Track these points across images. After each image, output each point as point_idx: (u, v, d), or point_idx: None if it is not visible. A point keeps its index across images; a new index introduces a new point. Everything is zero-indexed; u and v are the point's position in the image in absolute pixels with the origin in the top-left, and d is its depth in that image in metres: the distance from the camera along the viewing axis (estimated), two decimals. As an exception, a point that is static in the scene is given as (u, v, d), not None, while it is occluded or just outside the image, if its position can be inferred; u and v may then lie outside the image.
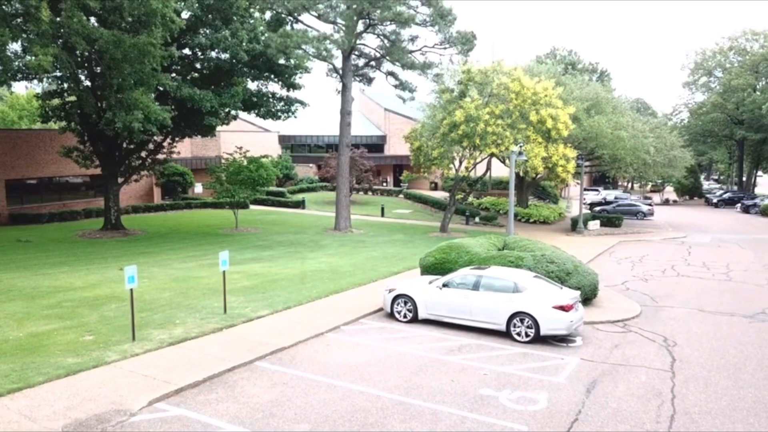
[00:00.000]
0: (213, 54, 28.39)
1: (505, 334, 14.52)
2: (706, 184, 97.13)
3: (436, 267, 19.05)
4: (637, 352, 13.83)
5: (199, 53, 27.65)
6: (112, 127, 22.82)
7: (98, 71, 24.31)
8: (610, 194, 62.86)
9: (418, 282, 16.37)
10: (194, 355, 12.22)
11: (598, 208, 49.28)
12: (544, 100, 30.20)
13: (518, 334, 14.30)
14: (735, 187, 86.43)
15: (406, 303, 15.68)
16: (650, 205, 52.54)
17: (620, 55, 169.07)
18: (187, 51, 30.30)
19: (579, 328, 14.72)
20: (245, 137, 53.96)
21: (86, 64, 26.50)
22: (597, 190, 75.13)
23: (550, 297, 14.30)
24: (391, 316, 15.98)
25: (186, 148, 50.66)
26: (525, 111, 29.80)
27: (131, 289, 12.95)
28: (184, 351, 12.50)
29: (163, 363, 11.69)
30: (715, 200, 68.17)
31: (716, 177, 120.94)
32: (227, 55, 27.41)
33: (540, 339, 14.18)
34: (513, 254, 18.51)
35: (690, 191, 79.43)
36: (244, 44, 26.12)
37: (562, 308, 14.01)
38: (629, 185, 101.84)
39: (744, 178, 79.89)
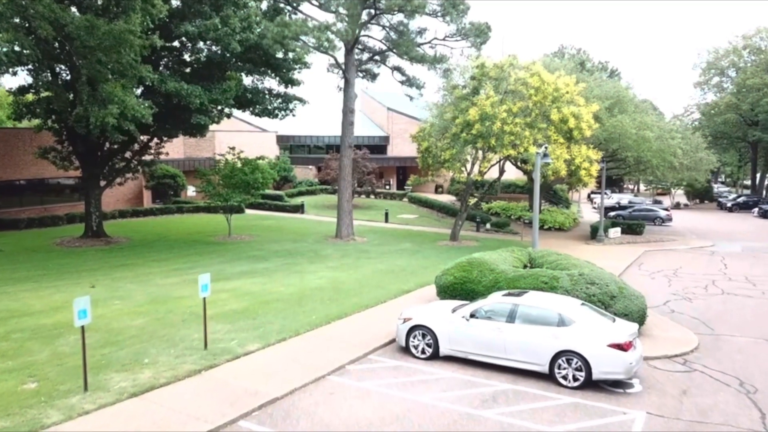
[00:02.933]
0: (202, 45, 25.74)
1: (548, 377, 11.89)
2: (714, 187, 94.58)
3: (456, 287, 16.44)
4: (713, 402, 11.19)
5: (188, 43, 24.98)
6: (84, 124, 20.21)
7: (72, 61, 21.61)
8: (623, 198, 60.07)
9: (438, 309, 13.71)
10: (160, 413, 9.57)
11: (612, 213, 46.54)
12: (566, 97, 27.58)
13: (564, 377, 11.66)
14: (746, 191, 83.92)
15: (424, 336, 13.03)
16: (667, 209, 49.90)
17: (625, 56, 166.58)
18: (176, 44, 27.75)
19: (638, 370, 12.06)
20: (241, 137, 51.36)
21: (62, 55, 23.84)
22: (606, 194, 72.40)
23: (603, 332, 11.66)
24: (406, 350, 13.34)
25: (178, 148, 48.04)
26: (546, 109, 27.16)
27: (83, 327, 10.25)
28: (148, 405, 9.85)
29: (118, 426, 9.05)
30: (729, 204, 65.56)
31: (723, 180, 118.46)
32: (218, 47, 24.78)
33: (590, 383, 11.55)
34: (546, 274, 15.87)
35: (701, 195, 76.85)
36: (236, 34, 23.48)
37: (620, 347, 11.37)
38: (635, 188, 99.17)
39: (756, 182, 77.34)
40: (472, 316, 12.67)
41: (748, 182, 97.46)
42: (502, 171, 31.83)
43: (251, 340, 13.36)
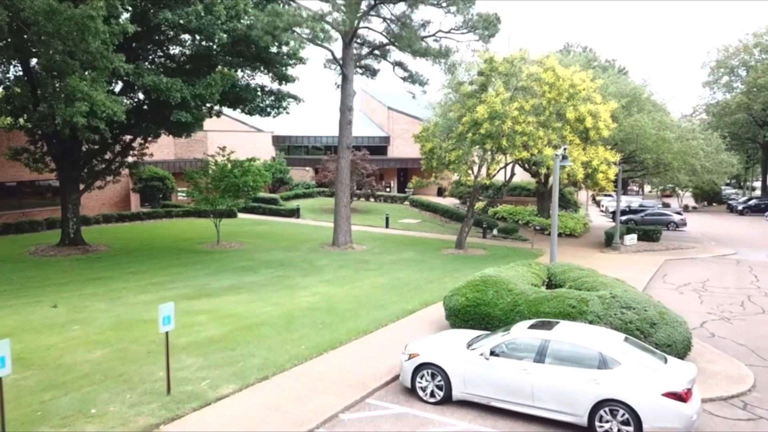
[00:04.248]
0: (186, 36, 23.52)
1: (586, 431, 9.71)
2: (722, 190, 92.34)
3: (468, 311, 14.24)
4: (795, 466, 9.01)
5: (170, 32, 22.71)
6: (49, 123, 18.04)
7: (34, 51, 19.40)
8: (632, 201, 57.78)
9: (450, 343, 11.50)
10: (96, 495, 7.38)
11: (624, 218, 44.29)
12: (582, 93, 25.41)
13: (608, 432, 9.48)
14: (755, 193, 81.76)
15: (434, 376, 10.84)
16: (680, 213, 47.70)
17: (630, 56, 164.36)
18: (161, 38, 25.57)
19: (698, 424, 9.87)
20: (236, 137, 49.28)
21: (33, 46, 21.62)
22: (612, 196, 70.07)
23: (656, 377, 9.48)
24: (412, 391, 11.14)
25: (169, 149, 45.92)
26: (561, 107, 24.98)
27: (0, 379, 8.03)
28: (82, 482, 7.67)
29: None
30: (740, 207, 63.46)
31: (728, 181, 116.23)
32: (203, 38, 22.57)
33: (640, 440, 9.37)
34: (572, 296, 13.67)
35: (709, 197, 74.72)
36: (221, 22, 21.28)
37: (678, 397, 9.18)
38: (639, 190, 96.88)
39: (767, 184, 75.18)
40: (493, 354, 10.46)
41: (756, 184, 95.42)
42: (512, 174, 29.65)
43: (226, 380, 11.16)
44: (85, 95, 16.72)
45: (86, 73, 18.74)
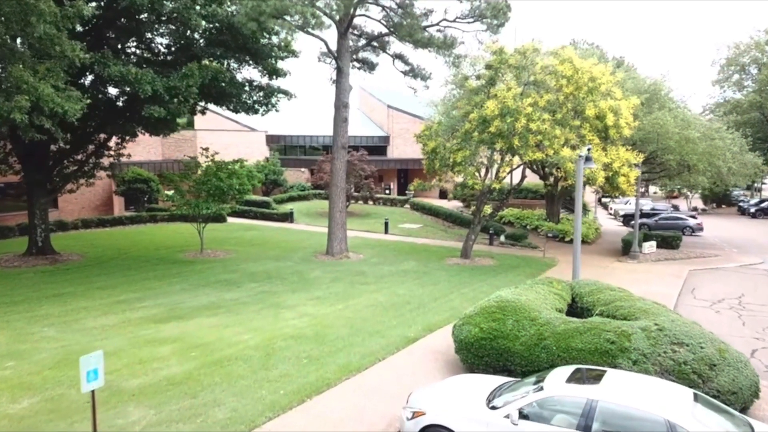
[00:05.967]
0: (160, 25, 21.08)
1: None
2: (732, 191, 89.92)
3: (483, 345, 11.79)
4: None
5: (143, 17, 20.25)
6: (-14, 121, 15.69)
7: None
8: (644, 204, 55.28)
9: (464, 395, 9.07)
10: None
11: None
12: (602, 88, 23.01)
13: None
14: (763, 194, 79.63)
15: (444, 442, 8.43)
16: (695, 217, 45.24)
17: (633, 55, 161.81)
18: (136, 25, 23.16)
19: None
20: (227, 137, 46.87)
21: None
22: (619, 198, 67.54)
23: (745, 456, 7.06)
24: (415, 459, 8.73)
25: (156, 149, 43.50)
26: (580, 102, 22.57)
27: None
28: None
29: None
30: (752, 210, 61.11)
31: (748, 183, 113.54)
32: (179, 24, 20.15)
33: None
34: (610, 328, 11.24)
35: (719, 199, 72.30)
36: (199, 6, 18.86)
37: (779, 487, 6.76)
38: (645, 191, 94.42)
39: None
40: (522, 416, 8.04)
41: (764, 186, 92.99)
42: (522, 176, 27.24)
43: (179, 444, 8.74)
44: (31, 87, 14.31)
45: (40, 62, 16.34)
